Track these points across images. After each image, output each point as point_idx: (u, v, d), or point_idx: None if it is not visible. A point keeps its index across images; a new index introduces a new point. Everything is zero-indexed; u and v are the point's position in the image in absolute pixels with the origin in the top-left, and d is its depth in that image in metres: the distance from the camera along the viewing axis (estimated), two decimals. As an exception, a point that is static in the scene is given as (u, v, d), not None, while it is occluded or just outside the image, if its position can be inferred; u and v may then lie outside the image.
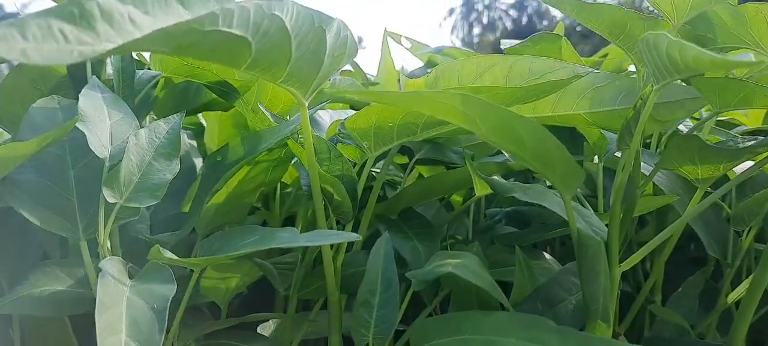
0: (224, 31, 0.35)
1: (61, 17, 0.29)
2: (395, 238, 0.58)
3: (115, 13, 0.31)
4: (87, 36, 0.29)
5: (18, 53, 0.27)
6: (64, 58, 0.28)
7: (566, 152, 0.42)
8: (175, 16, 0.36)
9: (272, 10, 0.38)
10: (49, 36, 0.28)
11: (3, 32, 0.26)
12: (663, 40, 0.35)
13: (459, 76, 0.56)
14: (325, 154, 0.54)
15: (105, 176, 0.46)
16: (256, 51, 0.38)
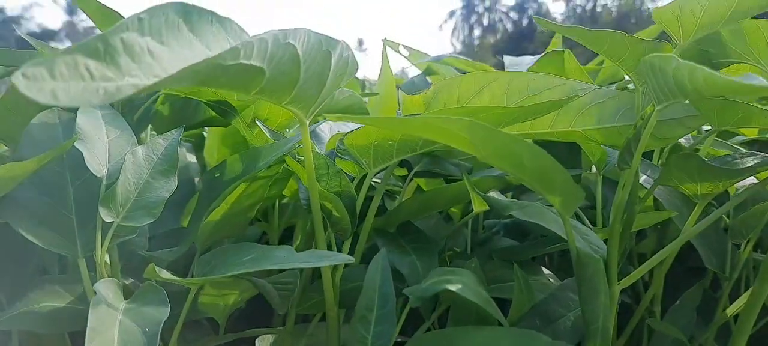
0: (244, 63, 0.35)
1: (87, 53, 0.28)
2: (393, 253, 0.58)
3: (136, 47, 0.31)
4: (110, 72, 0.29)
5: (48, 94, 0.26)
6: (91, 97, 0.28)
7: (566, 174, 0.42)
8: (186, 44, 0.36)
9: (287, 38, 0.38)
10: (76, 74, 0.28)
11: (32, 72, 0.26)
12: (670, 63, 0.35)
13: (458, 92, 0.56)
14: (323, 170, 0.54)
15: (102, 196, 0.46)
16: (268, 78, 0.39)
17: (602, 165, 0.64)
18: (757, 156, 0.53)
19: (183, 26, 0.36)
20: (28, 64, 0.26)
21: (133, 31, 0.31)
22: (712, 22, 0.46)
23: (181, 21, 0.35)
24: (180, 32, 0.35)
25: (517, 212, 0.53)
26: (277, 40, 0.37)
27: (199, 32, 0.37)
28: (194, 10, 0.37)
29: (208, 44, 0.38)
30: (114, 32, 0.30)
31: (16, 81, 0.25)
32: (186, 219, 0.64)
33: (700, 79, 0.32)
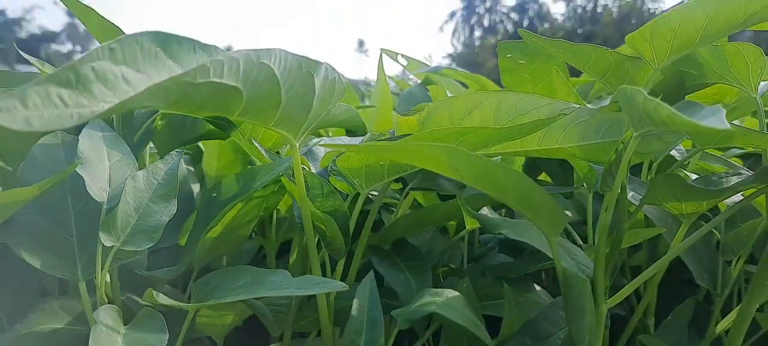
0: (215, 82, 0.36)
1: (58, 83, 0.30)
2: (388, 270, 0.60)
3: (109, 75, 0.33)
4: (84, 99, 0.31)
5: (21, 122, 0.28)
6: (65, 121, 0.30)
7: (549, 198, 0.43)
8: (167, 71, 0.37)
9: (260, 58, 0.39)
10: (49, 103, 0.29)
11: (5, 104, 0.28)
12: (639, 96, 0.37)
13: (450, 113, 0.57)
14: (317, 190, 0.55)
15: (102, 220, 0.48)
16: (247, 99, 0.40)
17: (591, 181, 0.65)
18: (741, 174, 0.54)
19: (161, 54, 0.36)
20: (3, 96, 0.27)
21: (105, 60, 0.32)
22: (683, 45, 0.48)
23: (159, 49, 0.36)
24: (158, 60, 0.36)
25: (507, 230, 0.54)
26: (250, 59, 0.38)
27: (179, 59, 0.38)
28: (173, 38, 0.38)
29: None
30: (83, 61, 0.31)
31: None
32: (183, 237, 0.65)
33: (663, 114, 0.34)
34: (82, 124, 0.59)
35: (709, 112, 0.35)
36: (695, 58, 0.55)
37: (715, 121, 0.30)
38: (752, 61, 0.54)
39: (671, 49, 0.48)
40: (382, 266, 0.60)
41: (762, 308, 0.59)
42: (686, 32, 0.46)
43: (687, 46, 0.48)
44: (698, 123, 0.30)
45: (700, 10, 0.45)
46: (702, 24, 0.46)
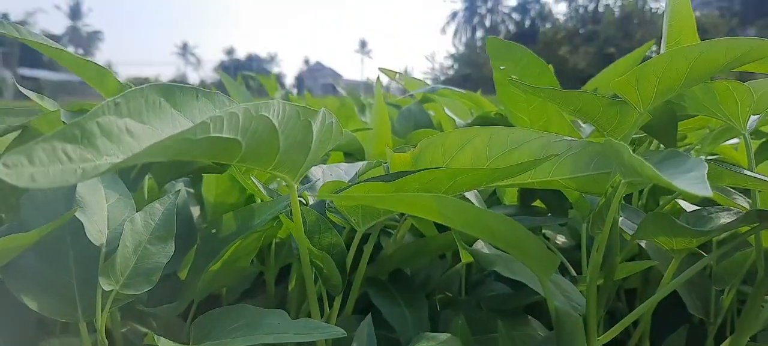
0: (215, 136, 0.37)
1: (64, 139, 0.31)
2: (384, 303, 0.60)
3: (113, 128, 0.34)
4: (89, 153, 0.32)
5: (27, 179, 0.29)
6: (70, 177, 0.30)
7: (539, 242, 0.44)
8: (170, 121, 0.38)
9: (260, 111, 0.40)
10: (55, 158, 0.30)
11: (11, 160, 0.28)
12: (625, 152, 0.37)
13: (442, 149, 0.58)
14: (315, 226, 0.56)
15: (101, 265, 0.48)
16: (246, 148, 0.40)
17: (584, 209, 0.65)
18: (730, 212, 0.55)
19: (165, 104, 0.38)
20: (10, 153, 0.28)
21: (110, 115, 0.33)
22: (668, 89, 0.48)
23: (163, 99, 0.38)
24: (162, 110, 0.37)
25: (501, 267, 0.55)
26: (249, 113, 0.38)
27: (183, 108, 0.39)
28: (176, 89, 0.39)
29: (194, 118, 0.40)
30: (90, 117, 0.32)
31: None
32: (184, 271, 0.66)
33: (648, 172, 0.35)
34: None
35: (692, 169, 0.36)
36: (686, 93, 0.56)
37: (698, 188, 0.31)
38: (741, 99, 0.55)
39: (656, 93, 0.48)
40: (379, 298, 0.61)
41: (754, 338, 0.60)
42: (670, 77, 0.47)
43: (671, 90, 0.49)
44: (682, 189, 0.31)
45: (682, 57, 0.46)
46: (685, 70, 0.46)
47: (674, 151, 0.41)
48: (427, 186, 0.51)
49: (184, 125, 0.39)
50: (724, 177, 0.50)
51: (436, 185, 0.51)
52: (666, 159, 0.40)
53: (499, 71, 0.82)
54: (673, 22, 0.58)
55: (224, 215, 0.60)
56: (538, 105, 0.85)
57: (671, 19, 0.58)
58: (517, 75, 0.82)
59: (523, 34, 47.31)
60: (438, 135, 0.58)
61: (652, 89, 0.48)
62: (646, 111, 0.50)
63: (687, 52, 0.45)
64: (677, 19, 0.58)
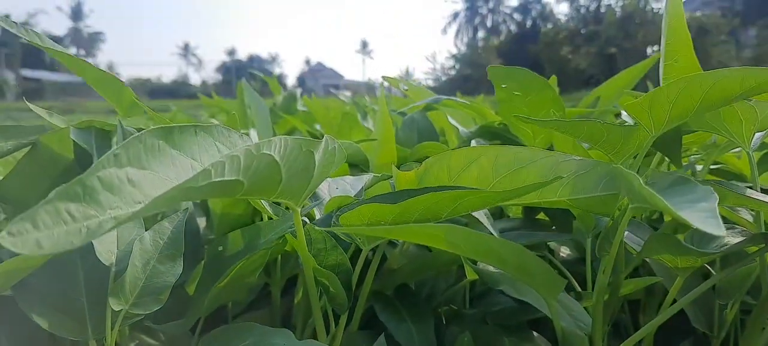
0: (217, 181, 0.38)
1: (66, 198, 0.31)
2: (390, 319, 0.61)
3: (114, 180, 0.34)
4: (92, 209, 0.32)
5: (33, 245, 0.29)
6: (74, 239, 0.31)
7: (546, 266, 0.44)
8: (170, 162, 0.39)
9: (261, 149, 0.41)
10: (59, 220, 0.31)
11: (16, 228, 0.29)
12: (635, 181, 0.38)
13: (448, 167, 0.58)
14: (320, 244, 0.56)
15: (111, 286, 0.49)
16: (249, 185, 0.41)
17: (589, 225, 0.66)
18: (735, 231, 0.55)
19: (165, 146, 0.38)
20: (14, 221, 0.29)
21: (111, 167, 0.34)
22: (680, 115, 0.49)
23: (162, 142, 0.38)
24: (161, 153, 0.38)
25: (506, 286, 0.55)
26: (250, 153, 0.39)
27: (182, 146, 0.40)
28: (175, 129, 0.40)
29: (194, 155, 0.41)
30: (90, 173, 0.33)
31: (3, 240, 0.28)
32: (192, 286, 0.66)
33: (659, 204, 0.35)
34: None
35: (702, 200, 0.36)
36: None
37: (710, 226, 0.31)
38: (745, 118, 0.55)
39: (669, 118, 0.49)
40: (385, 314, 0.61)
41: (758, 354, 0.60)
42: (684, 104, 0.47)
43: (684, 116, 0.49)
44: (695, 225, 0.32)
45: (697, 84, 0.46)
46: (699, 97, 0.47)
47: (682, 178, 0.42)
48: (432, 208, 0.52)
49: (185, 164, 0.40)
50: (728, 198, 0.50)
51: (440, 207, 0.52)
52: (674, 186, 0.41)
53: (501, 90, 0.83)
54: (670, 41, 0.59)
55: (231, 233, 0.60)
56: (541, 117, 0.85)
57: (668, 38, 0.59)
58: (519, 92, 0.82)
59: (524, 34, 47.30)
60: (443, 153, 0.59)
61: (664, 114, 0.48)
62: (658, 134, 0.50)
63: (702, 80, 0.46)
64: (674, 36, 0.59)
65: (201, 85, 72.86)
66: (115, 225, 0.32)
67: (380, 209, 0.52)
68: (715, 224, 0.31)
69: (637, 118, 0.49)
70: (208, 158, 0.42)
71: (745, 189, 0.51)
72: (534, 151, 0.57)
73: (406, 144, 1.21)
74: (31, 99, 0.68)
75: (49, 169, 0.68)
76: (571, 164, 0.56)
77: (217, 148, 0.44)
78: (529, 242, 0.65)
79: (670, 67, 0.58)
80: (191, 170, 0.40)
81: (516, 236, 0.67)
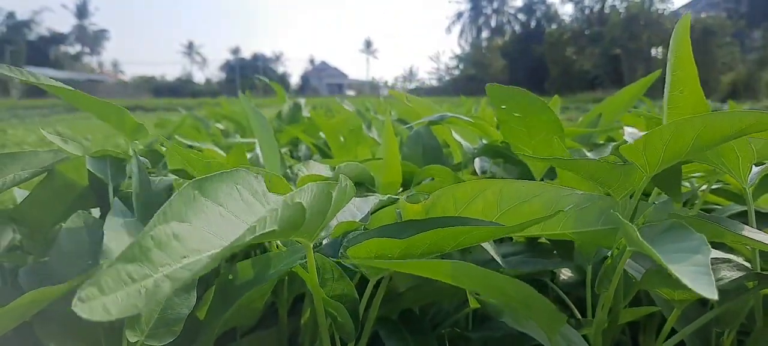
0: (259, 234, 0.40)
1: (126, 260, 0.34)
2: (396, 345, 0.63)
3: (163, 237, 0.37)
4: (146, 268, 0.34)
5: (101, 311, 0.31)
6: (135, 300, 0.33)
7: (547, 303, 0.46)
8: (202, 211, 0.41)
9: (294, 199, 0.43)
10: (120, 282, 0.33)
11: (86, 293, 0.31)
12: (633, 233, 0.39)
13: (454, 199, 0.60)
14: (328, 274, 0.58)
15: (127, 319, 0.51)
16: (280, 231, 0.43)
17: (591, 255, 0.67)
18: (731, 265, 0.57)
19: (199, 196, 0.41)
20: (83, 287, 0.31)
21: (160, 224, 0.36)
22: (674, 156, 0.50)
23: (197, 192, 0.41)
24: (196, 203, 0.40)
25: (508, 318, 0.57)
26: (287, 206, 0.41)
27: (210, 194, 0.42)
28: (205, 179, 0.43)
29: (219, 201, 0.43)
30: (145, 233, 0.35)
31: (76, 308, 0.30)
32: (202, 310, 0.68)
33: (654, 256, 0.37)
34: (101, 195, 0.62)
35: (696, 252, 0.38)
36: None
37: (703, 288, 0.33)
38: (742, 155, 0.57)
39: (663, 159, 0.50)
40: (391, 340, 0.63)
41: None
42: (677, 145, 0.49)
43: (678, 157, 0.51)
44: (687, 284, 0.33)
45: (690, 126, 0.48)
46: (692, 138, 0.48)
47: (677, 224, 0.43)
48: (439, 242, 0.53)
49: (214, 211, 0.42)
50: (726, 236, 0.52)
51: (446, 242, 0.54)
52: (668, 232, 0.43)
53: (502, 111, 0.84)
54: (676, 72, 0.60)
55: (240, 263, 0.62)
56: (539, 140, 0.87)
57: (674, 69, 0.60)
58: (519, 113, 0.84)
59: (528, 34, 47.26)
60: (450, 187, 0.60)
61: (658, 156, 0.50)
62: (652, 174, 0.52)
63: (694, 123, 0.47)
64: (680, 68, 0.60)
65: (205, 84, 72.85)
66: (171, 286, 0.34)
67: (387, 243, 0.54)
68: (706, 284, 0.33)
69: (633, 159, 0.51)
70: (232, 202, 0.44)
71: (742, 227, 0.53)
72: (537, 185, 0.59)
73: (412, 159, 1.23)
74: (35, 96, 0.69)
75: (65, 195, 0.70)
76: (572, 198, 0.58)
77: (238, 191, 0.46)
78: (532, 269, 0.66)
79: (676, 98, 0.60)
80: (220, 217, 0.42)
81: (519, 262, 0.69)
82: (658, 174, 0.62)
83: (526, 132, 0.86)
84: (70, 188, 0.69)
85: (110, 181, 0.68)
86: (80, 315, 0.29)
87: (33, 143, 5.32)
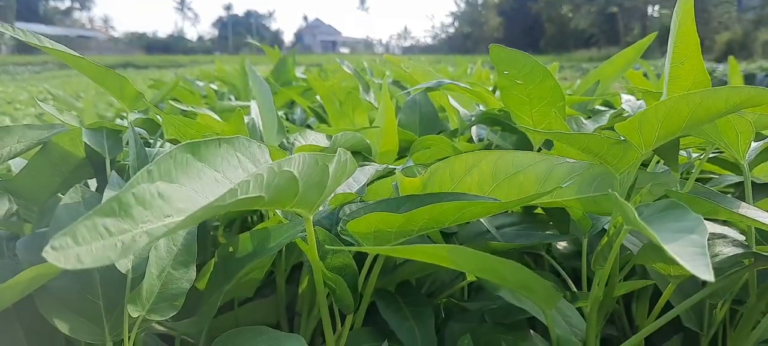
0: (242, 198, 0.40)
1: (103, 214, 0.34)
2: (393, 318, 0.63)
3: (146, 195, 0.36)
4: (126, 224, 0.34)
5: (73, 259, 0.31)
6: (110, 253, 0.33)
7: (543, 281, 0.47)
8: (196, 175, 0.41)
9: (282, 166, 0.43)
10: (96, 234, 0.33)
11: (59, 242, 0.31)
12: (630, 213, 0.40)
13: (451, 172, 0.60)
14: (328, 246, 0.59)
15: (129, 294, 0.51)
16: (269, 199, 0.43)
17: (585, 226, 0.68)
18: (727, 240, 0.57)
19: (192, 160, 0.41)
20: (55, 236, 0.31)
21: (144, 182, 0.36)
22: (669, 132, 0.51)
23: (190, 156, 0.41)
24: (189, 166, 0.40)
25: (505, 293, 0.58)
26: (272, 171, 0.41)
27: (207, 159, 0.42)
28: (201, 143, 0.42)
29: (216, 166, 0.43)
30: (126, 189, 0.35)
31: (46, 254, 0.30)
32: (202, 281, 0.68)
33: (651, 236, 0.37)
34: (98, 166, 0.62)
35: (692, 231, 0.38)
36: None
37: (699, 269, 0.33)
38: (741, 131, 0.57)
39: (658, 136, 0.50)
40: (389, 313, 0.64)
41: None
42: (672, 122, 0.49)
43: (673, 134, 0.51)
44: (683, 265, 0.34)
45: (684, 103, 0.48)
46: (686, 115, 0.48)
47: (673, 203, 0.43)
48: (437, 217, 0.54)
49: (209, 176, 0.42)
50: (720, 212, 0.52)
51: (445, 217, 0.54)
52: (666, 211, 0.43)
53: (503, 77, 0.84)
54: (678, 45, 0.60)
55: (241, 235, 0.62)
56: (540, 109, 0.87)
57: (676, 42, 0.60)
58: (521, 80, 0.83)
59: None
60: (446, 160, 0.60)
61: (653, 133, 0.50)
62: (648, 152, 0.52)
63: (688, 100, 0.47)
64: (683, 41, 0.60)
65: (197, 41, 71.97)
66: (149, 241, 0.34)
67: (386, 217, 0.54)
68: (703, 265, 0.33)
69: (629, 137, 0.51)
70: (231, 169, 0.44)
71: (738, 204, 0.53)
72: (531, 155, 0.59)
73: (408, 126, 1.23)
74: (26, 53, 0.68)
75: (61, 166, 0.69)
76: (565, 167, 0.58)
77: (238, 158, 0.46)
78: (528, 242, 0.67)
79: (677, 69, 0.60)
80: (214, 182, 0.42)
81: (515, 235, 0.69)
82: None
83: (527, 100, 0.86)
84: (67, 159, 0.69)
85: (107, 154, 0.68)
86: (51, 262, 0.29)
87: (24, 102, 5.27)
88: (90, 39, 74.89)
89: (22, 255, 0.60)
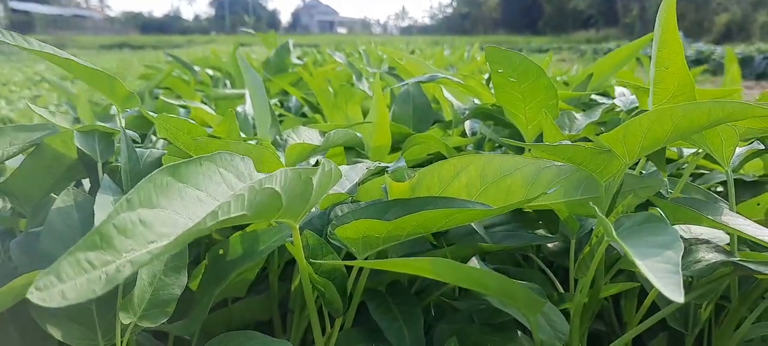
0: (224, 218, 0.40)
1: (86, 248, 0.34)
2: (383, 317, 0.64)
3: (127, 224, 0.37)
4: (109, 255, 0.35)
5: (58, 297, 0.32)
6: (95, 286, 0.34)
7: (525, 290, 0.47)
8: (177, 196, 0.41)
9: (263, 184, 0.43)
10: (80, 269, 0.34)
11: (43, 282, 0.32)
12: (609, 228, 0.40)
13: (439, 177, 0.61)
14: (317, 250, 0.59)
15: (120, 301, 0.52)
16: (252, 215, 0.44)
17: (573, 227, 0.69)
18: (710, 246, 0.58)
19: (172, 182, 0.41)
20: (40, 276, 0.31)
21: (123, 212, 0.37)
22: (652, 144, 0.51)
23: (170, 178, 0.41)
24: (170, 188, 0.41)
25: (492, 299, 0.59)
26: (253, 189, 0.42)
27: (188, 179, 0.42)
28: (181, 164, 0.43)
29: (198, 185, 0.43)
30: (107, 221, 0.35)
31: (31, 296, 0.31)
32: (195, 281, 0.69)
33: (627, 253, 0.38)
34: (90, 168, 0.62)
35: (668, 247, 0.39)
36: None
37: (670, 291, 0.34)
38: (726, 138, 0.58)
39: (642, 147, 0.51)
40: (378, 313, 0.65)
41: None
42: (655, 134, 0.50)
43: (657, 144, 0.51)
44: (656, 285, 0.34)
45: (668, 116, 0.48)
46: (670, 128, 0.49)
47: (652, 216, 0.44)
48: (425, 223, 0.55)
49: (192, 195, 0.42)
50: (703, 221, 0.53)
51: (432, 223, 0.55)
52: (644, 224, 0.44)
53: (498, 75, 0.85)
54: (661, 50, 0.60)
55: (231, 237, 0.63)
56: (533, 106, 0.88)
57: (660, 47, 0.61)
58: (515, 78, 0.84)
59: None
60: (434, 165, 0.61)
61: (637, 144, 0.51)
62: (632, 162, 0.53)
63: (672, 113, 0.48)
64: (666, 46, 0.60)
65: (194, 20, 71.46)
66: (133, 269, 0.35)
67: (374, 224, 0.55)
68: (674, 284, 0.34)
69: (613, 148, 0.52)
70: (213, 186, 0.44)
71: (722, 209, 0.54)
72: (518, 159, 0.60)
73: (402, 119, 1.23)
74: (21, 32, 0.68)
75: (54, 167, 0.70)
76: (552, 170, 0.59)
77: (221, 174, 0.46)
78: (516, 243, 0.68)
79: (662, 73, 0.61)
80: (198, 201, 0.42)
81: (503, 236, 0.70)
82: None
83: (520, 98, 0.86)
84: (59, 160, 0.70)
85: (99, 157, 0.68)
86: (36, 302, 0.30)
87: (19, 83, 5.25)
88: (85, 18, 74.33)
89: (16, 256, 0.60)
